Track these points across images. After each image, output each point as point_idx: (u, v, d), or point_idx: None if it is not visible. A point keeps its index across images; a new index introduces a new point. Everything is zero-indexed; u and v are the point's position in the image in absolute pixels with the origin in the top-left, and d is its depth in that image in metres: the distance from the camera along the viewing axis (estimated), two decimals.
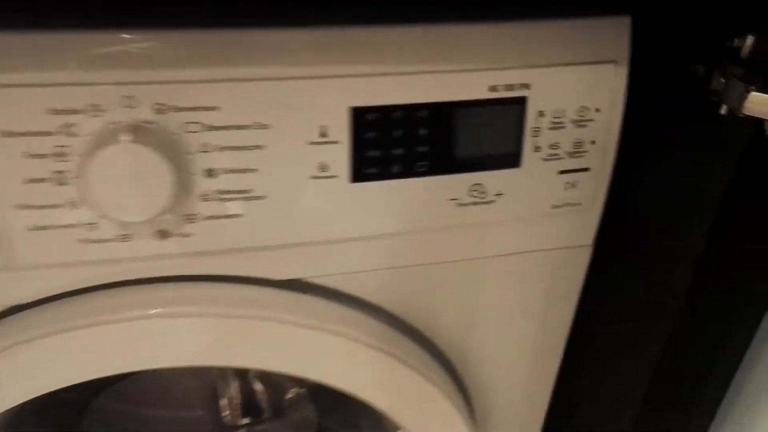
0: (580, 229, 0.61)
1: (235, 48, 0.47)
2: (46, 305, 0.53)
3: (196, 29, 0.46)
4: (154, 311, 0.53)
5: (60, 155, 0.46)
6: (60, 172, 0.47)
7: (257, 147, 0.49)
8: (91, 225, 0.49)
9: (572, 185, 0.57)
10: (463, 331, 0.64)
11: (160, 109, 0.46)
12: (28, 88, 0.44)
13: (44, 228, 0.48)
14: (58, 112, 0.45)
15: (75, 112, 0.45)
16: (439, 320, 0.63)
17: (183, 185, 0.48)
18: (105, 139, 0.45)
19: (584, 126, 0.55)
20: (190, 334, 0.54)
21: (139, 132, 0.45)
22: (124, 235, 0.50)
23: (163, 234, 0.51)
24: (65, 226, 0.49)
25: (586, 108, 0.54)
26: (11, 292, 0.52)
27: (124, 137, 0.44)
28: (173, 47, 0.46)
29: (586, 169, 0.57)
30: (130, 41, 0.45)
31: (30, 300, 0.52)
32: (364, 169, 0.51)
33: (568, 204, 0.58)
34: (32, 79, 0.44)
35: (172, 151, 0.47)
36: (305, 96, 0.48)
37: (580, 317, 0.68)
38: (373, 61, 0.49)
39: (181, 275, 0.54)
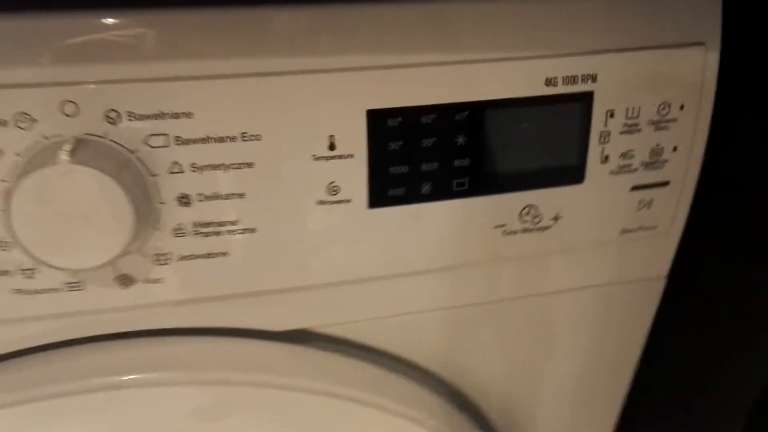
0: (655, 257, 0.54)
1: (213, 32, 0.38)
2: None
3: (160, 8, 0.37)
4: (124, 378, 0.45)
5: None
6: None
7: (245, 165, 0.40)
8: (29, 271, 0.40)
9: (647, 204, 0.49)
10: (509, 387, 0.58)
11: (113, 117, 0.37)
12: None
13: None
14: None
15: None
16: (479, 374, 0.56)
17: (148, 218, 0.40)
18: (36, 159, 0.36)
19: (665, 128, 0.47)
20: (168, 407, 0.45)
21: (84, 148, 0.36)
22: (72, 283, 0.41)
23: (126, 280, 0.42)
24: None
25: (667, 104, 0.46)
26: None
27: (63, 156, 0.35)
28: (129, 32, 0.37)
29: (664, 184, 0.49)
30: (67, 27, 0.36)
31: None
32: (385, 190, 0.44)
33: (642, 228, 0.50)
34: None
35: (131, 173, 0.38)
36: (308, 96, 0.40)
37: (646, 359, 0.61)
38: (395, 48, 0.41)
39: (152, 329, 0.46)
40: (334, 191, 0.42)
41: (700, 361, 0.60)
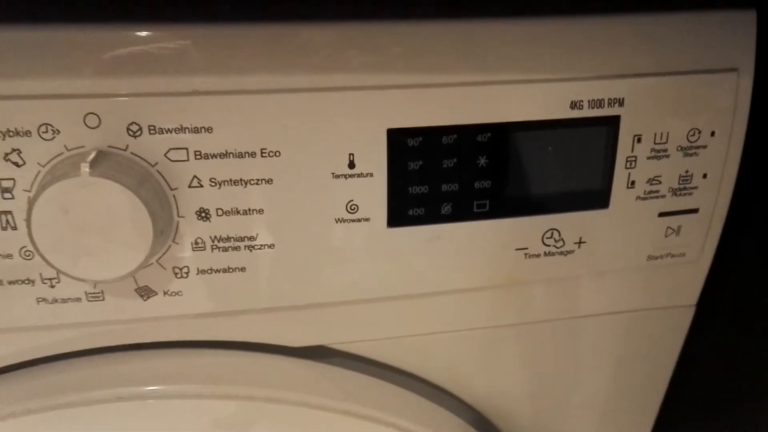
0: (683, 285, 0.52)
1: (235, 48, 0.38)
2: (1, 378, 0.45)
3: (180, 23, 0.37)
4: (143, 389, 0.44)
5: (6, 190, 0.37)
6: (7, 212, 0.38)
7: (264, 181, 0.40)
8: (52, 280, 0.40)
9: (675, 231, 0.48)
10: (532, 411, 0.56)
11: (134, 130, 0.37)
12: None
13: None
14: (0, 133, 0.36)
15: (20, 133, 0.36)
16: (501, 398, 0.55)
17: (167, 231, 0.39)
18: (58, 170, 0.36)
19: (694, 154, 0.45)
20: (186, 419, 0.45)
21: (105, 161, 0.36)
22: (94, 293, 0.41)
23: (145, 292, 0.42)
24: (17, 282, 0.40)
25: (697, 131, 0.45)
26: None
27: (85, 168, 0.35)
28: (153, 46, 0.37)
29: (693, 211, 0.48)
30: (91, 40, 0.36)
31: None
32: (404, 209, 0.43)
33: (670, 254, 0.49)
34: None
35: (151, 187, 0.38)
36: (328, 114, 0.40)
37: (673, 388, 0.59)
38: (418, 67, 0.40)
39: (171, 341, 0.45)
40: (353, 209, 0.41)
41: (731, 390, 0.58)
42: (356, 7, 0.39)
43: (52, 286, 0.40)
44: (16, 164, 0.36)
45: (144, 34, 0.36)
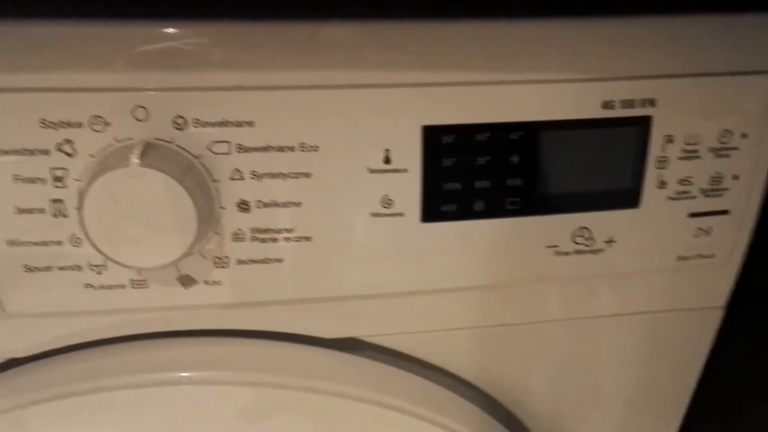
0: (712, 286, 0.52)
1: (276, 45, 0.39)
2: (48, 361, 0.46)
3: (224, 20, 0.38)
4: (181, 375, 0.46)
5: (58, 179, 0.39)
6: (58, 200, 0.39)
7: (302, 174, 0.41)
8: (99, 267, 0.42)
9: (705, 232, 0.48)
10: (558, 408, 0.56)
11: (180, 123, 0.38)
12: (17, 93, 0.37)
13: (40, 269, 0.41)
14: (53, 124, 0.38)
15: (72, 125, 0.37)
16: (527, 394, 0.54)
17: (209, 221, 0.40)
18: (109, 160, 0.37)
19: (726, 156, 0.45)
20: (224, 407, 0.46)
21: (153, 152, 0.37)
22: (138, 281, 0.42)
23: (187, 281, 0.43)
24: (66, 268, 0.41)
25: (728, 132, 0.45)
26: (1, 344, 0.45)
27: (134, 159, 0.36)
28: (196, 43, 0.38)
29: (724, 212, 0.48)
30: (140, 35, 0.37)
31: (27, 354, 0.45)
32: (438, 205, 0.43)
33: (700, 255, 0.49)
34: (22, 82, 0.37)
35: (195, 178, 0.39)
36: (365, 110, 0.40)
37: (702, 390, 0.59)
38: (452, 66, 0.41)
39: (209, 329, 0.46)
40: (387, 204, 0.42)
41: (757, 395, 0.58)
42: (394, 5, 0.40)
43: (99, 273, 0.42)
44: (68, 154, 0.38)
45: (189, 30, 0.37)
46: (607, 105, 0.42)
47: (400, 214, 0.43)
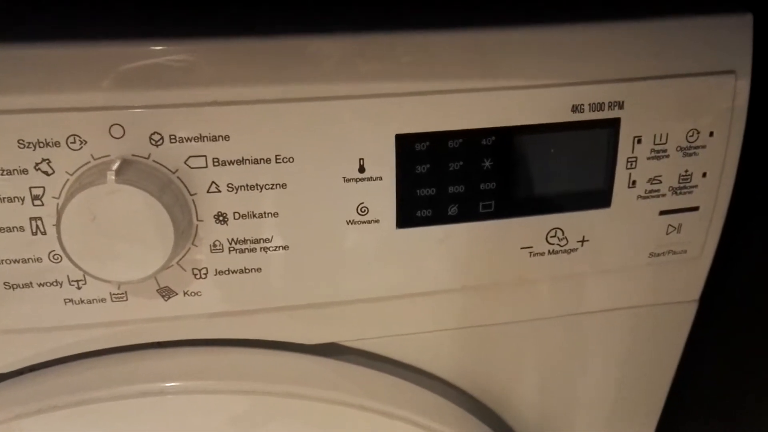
0: (685, 281, 0.53)
1: (249, 60, 0.39)
2: (33, 375, 0.47)
3: (198, 37, 0.39)
4: (165, 385, 0.46)
5: (37, 198, 0.39)
6: (37, 218, 0.40)
7: (278, 185, 0.41)
8: (78, 282, 0.42)
9: (676, 229, 0.49)
10: (539, 405, 0.57)
11: (156, 139, 0.39)
12: None
13: (20, 286, 0.41)
14: (31, 144, 0.38)
15: (50, 144, 0.38)
16: (509, 394, 0.55)
17: (187, 234, 0.41)
18: (86, 178, 0.38)
19: (693, 154, 0.46)
20: (210, 416, 0.46)
21: (129, 169, 0.38)
22: (118, 294, 0.43)
23: (167, 293, 0.43)
24: (46, 284, 0.42)
25: (695, 131, 0.46)
26: None
27: (110, 176, 0.36)
28: (173, 59, 0.38)
29: (694, 209, 0.48)
30: (116, 55, 0.38)
31: (10, 369, 0.46)
32: (413, 211, 0.44)
33: (671, 251, 0.50)
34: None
35: (172, 192, 0.39)
36: (339, 121, 0.41)
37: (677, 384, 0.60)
38: (423, 75, 0.41)
39: (192, 339, 0.47)
40: (363, 212, 0.43)
41: (734, 387, 0.59)
42: (364, 18, 0.41)
43: (79, 288, 0.42)
44: (46, 173, 0.38)
45: (164, 48, 0.38)
46: (576, 108, 0.43)
47: (376, 221, 0.43)
